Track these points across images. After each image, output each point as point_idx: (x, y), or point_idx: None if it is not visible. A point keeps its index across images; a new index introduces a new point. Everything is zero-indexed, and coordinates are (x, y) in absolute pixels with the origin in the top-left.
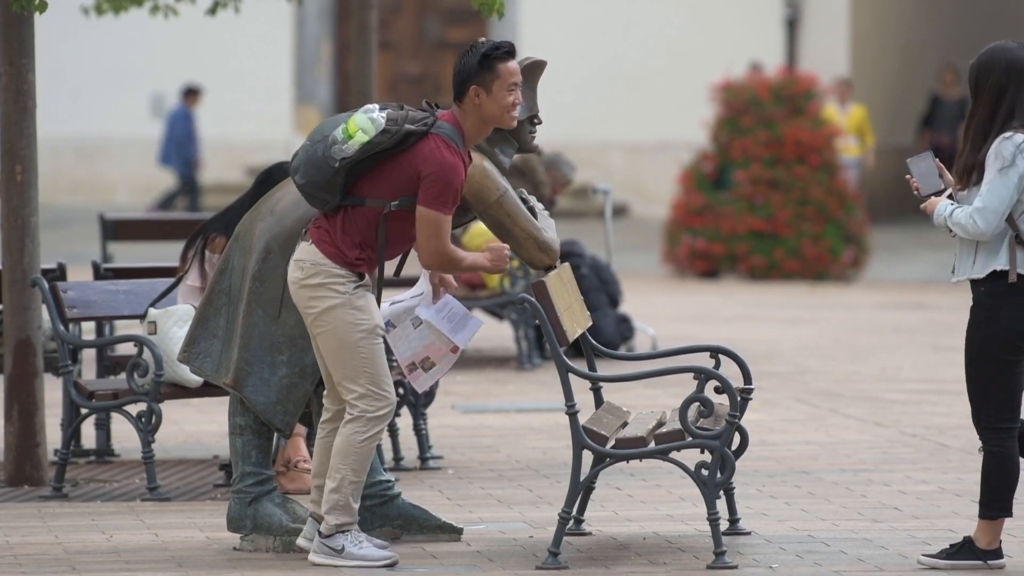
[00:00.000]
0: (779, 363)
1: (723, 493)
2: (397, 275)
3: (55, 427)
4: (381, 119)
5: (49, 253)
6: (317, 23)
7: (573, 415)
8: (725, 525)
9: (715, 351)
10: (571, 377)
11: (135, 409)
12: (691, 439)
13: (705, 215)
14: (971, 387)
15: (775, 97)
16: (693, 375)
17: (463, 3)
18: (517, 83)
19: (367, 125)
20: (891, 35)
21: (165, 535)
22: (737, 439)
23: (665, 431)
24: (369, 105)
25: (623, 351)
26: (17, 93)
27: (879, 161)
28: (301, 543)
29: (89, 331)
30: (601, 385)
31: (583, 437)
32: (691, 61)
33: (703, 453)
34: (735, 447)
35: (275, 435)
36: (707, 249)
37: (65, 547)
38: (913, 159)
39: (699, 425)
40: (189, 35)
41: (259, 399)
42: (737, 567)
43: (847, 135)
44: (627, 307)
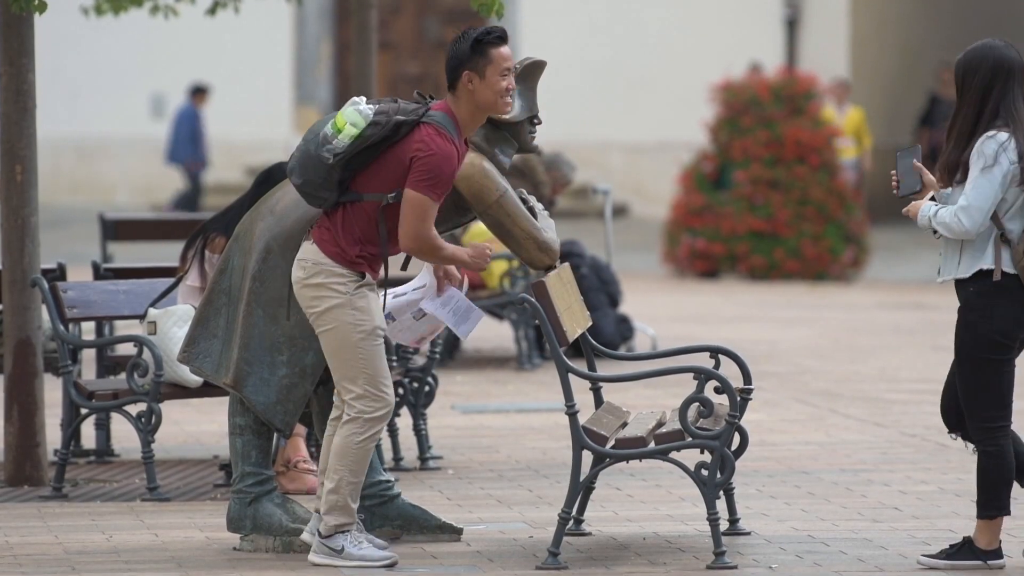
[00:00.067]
0: (779, 363)
1: (723, 493)
2: (404, 268)
3: (55, 427)
4: (368, 111)
5: (49, 253)
6: (317, 23)
7: (573, 415)
8: (725, 525)
9: (715, 351)
10: (571, 377)
11: (135, 409)
12: (691, 439)
13: (705, 215)
14: (962, 388)
15: (775, 97)
16: (693, 375)
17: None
18: (510, 68)
19: (355, 118)
20: (890, 35)
21: (165, 535)
22: (737, 439)
23: (665, 431)
24: (356, 98)
25: (623, 351)
26: (17, 93)
27: (878, 161)
28: (305, 537)
29: (89, 331)
30: (601, 385)
31: (583, 437)
32: (691, 61)
33: (703, 453)
34: (735, 447)
35: (275, 435)
36: (707, 249)
37: (65, 547)
38: (902, 153)
39: (699, 425)
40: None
41: (259, 399)
42: (737, 567)
43: (844, 137)
44: (627, 307)
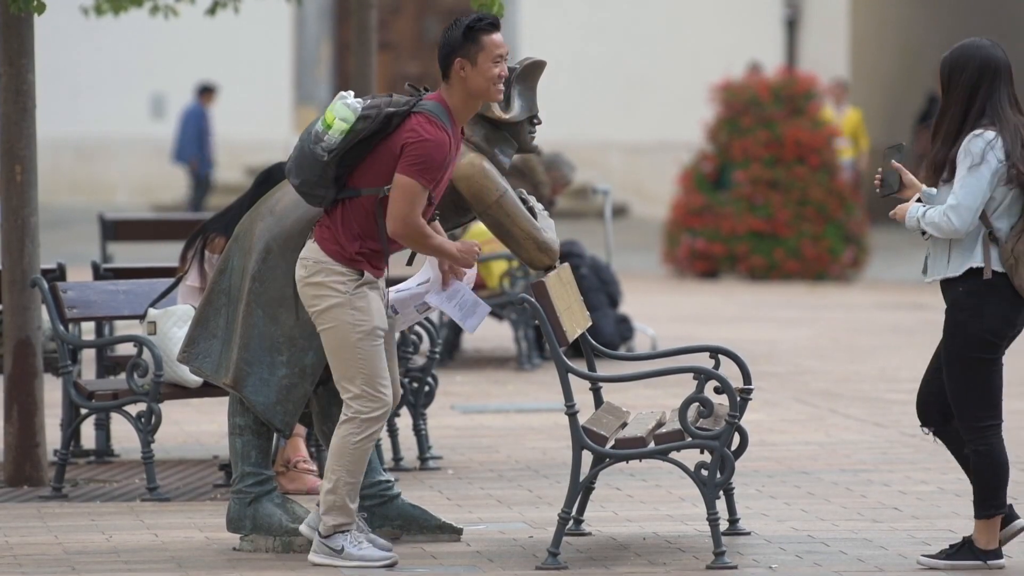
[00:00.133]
0: (779, 363)
1: (723, 493)
2: (410, 263)
3: (55, 427)
4: (357, 104)
5: (49, 253)
6: (317, 23)
7: (573, 415)
8: (725, 525)
9: (715, 351)
10: (571, 377)
11: (135, 409)
12: (691, 439)
13: (705, 215)
14: (952, 388)
15: (775, 97)
16: (693, 375)
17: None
18: (502, 55)
19: (344, 113)
20: (890, 35)
21: (165, 535)
22: (737, 439)
23: (665, 431)
24: (343, 92)
25: (623, 351)
26: (17, 93)
27: (877, 162)
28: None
29: (89, 331)
30: (601, 385)
31: (583, 437)
32: (691, 61)
33: (703, 453)
34: (735, 447)
35: (275, 435)
36: (707, 249)
37: (65, 547)
38: (888, 151)
39: (699, 425)
40: (189, 35)
41: (259, 399)
42: (737, 567)
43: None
44: (627, 307)
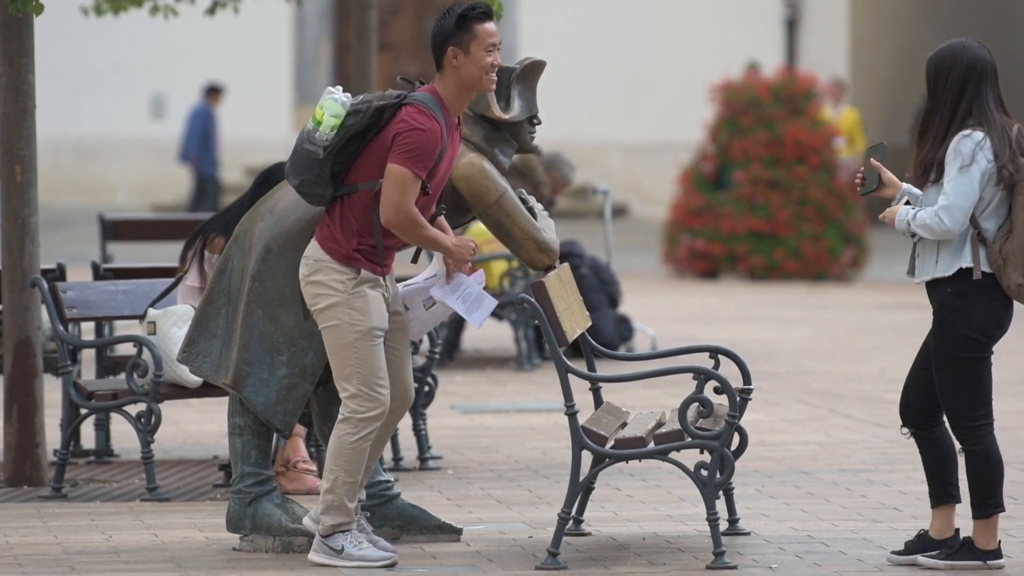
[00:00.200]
0: (778, 363)
1: (722, 493)
2: (415, 261)
3: (55, 427)
4: (345, 98)
5: (49, 253)
6: (317, 24)
7: (572, 415)
8: (724, 525)
9: (714, 351)
10: (570, 377)
11: (134, 409)
12: (690, 439)
13: (705, 215)
14: (944, 389)
15: (775, 97)
16: (692, 375)
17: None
18: (495, 44)
19: (334, 108)
20: (889, 36)
21: (164, 535)
22: (736, 439)
23: (664, 431)
24: (331, 87)
25: (622, 351)
26: (17, 93)
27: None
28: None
29: (89, 331)
30: (600, 385)
31: (582, 437)
32: (691, 61)
33: (702, 453)
34: (734, 447)
35: (274, 435)
36: (707, 249)
37: (64, 547)
38: (870, 150)
39: (698, 425)
40: (189, 35)
41: (258, 399)
42: (736, 567)
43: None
44: (626, 307)
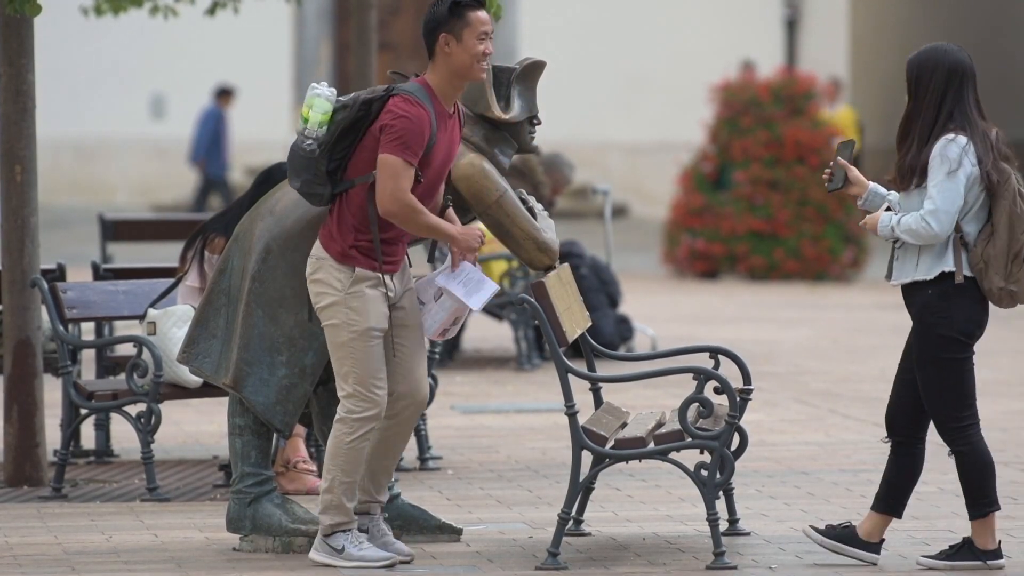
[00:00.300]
0: (778, 364)
1: (722, 494)
2: (430, 260)
3: (55, 427)
4: (329, 92)
5: (49, 254)
6: (317, 24)
7: (572, 416)
8: (724, 525)
9: (714, 351)
10: (570, 378)
11: (134, 409)
12: (690, 440)
13: (705, 215)
14: (927, 392)
15: (775, 97)
16: (692, 376)
17: None
18: (487, 32)
19: (320, 103)
20: (889, 36)
21: (164, 535)
22: (736, 440)
23: (664, 432)
24: (314, 83)
25: (622, 352)
26: (16, 93)
27: (877, 161)
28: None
29: (89, 331)
30: (600, 386)
31: (582, 437)
32: (691, 61)
33: (702, 453)
34: (734, 447)
35: (274, 436)
36: (707, 249)
37: (64, 547)
38: (840, 145)
39: (698, 426)
40: (189, 35)
41: (258, 399)
42: (736, 567)
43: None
44: (626, 308)
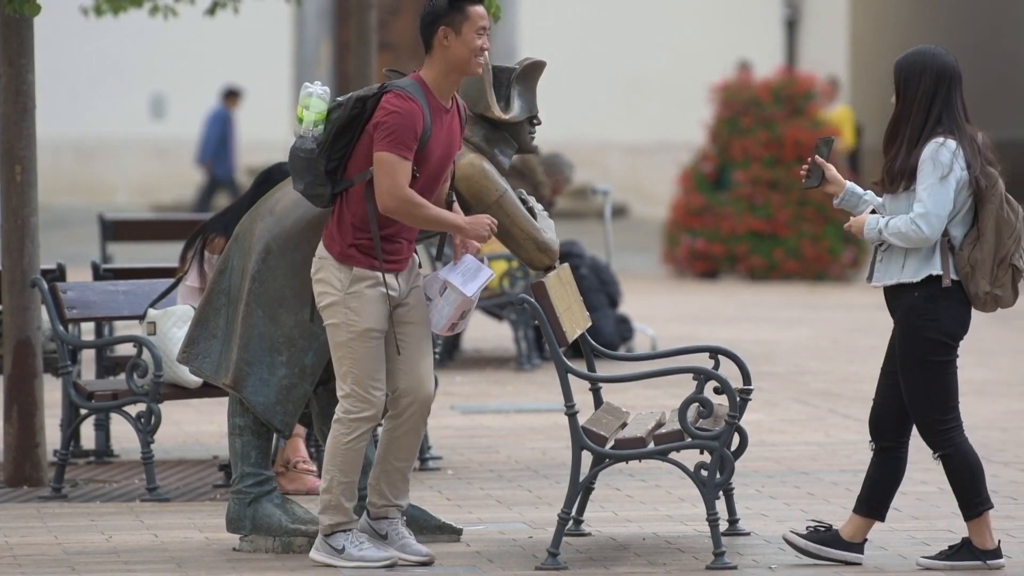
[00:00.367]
0: (778, 364)
1: (722, 494)
2: (439, 257)
3: (54, 428)
4: (322, 91)
5: (49, 254)
6: (317, 24)
7: (572, 416)
8: (724, 526)
9: (714, 352)
10: (570, 378)
11: (134, 410)
12: (690, 440)
13: (705, 216)
14: (912, 394)
15: (774, 97)
16: (692, 376)
17: None
18: (486, 28)
19: (312, 102)
20: (889, 36)
21: (164, 536)
22: (736, 440)
23: (664, 432)
24: (307, 83)
25: (622, 352)
26: (16, 93)
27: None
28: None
29: (89, 332)
30: (600, 386)
31: (582, 438)
32: (691, 61)
33: (702, 454)
34: (734, 448)
35: (274, 436)
36: (707, 250)
37: (64, 548)
38: (820, 141)
39: (698, 426)
40: (189, 35)
41: (258, 400)
42: (736, 567)
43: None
44: (626, 308)
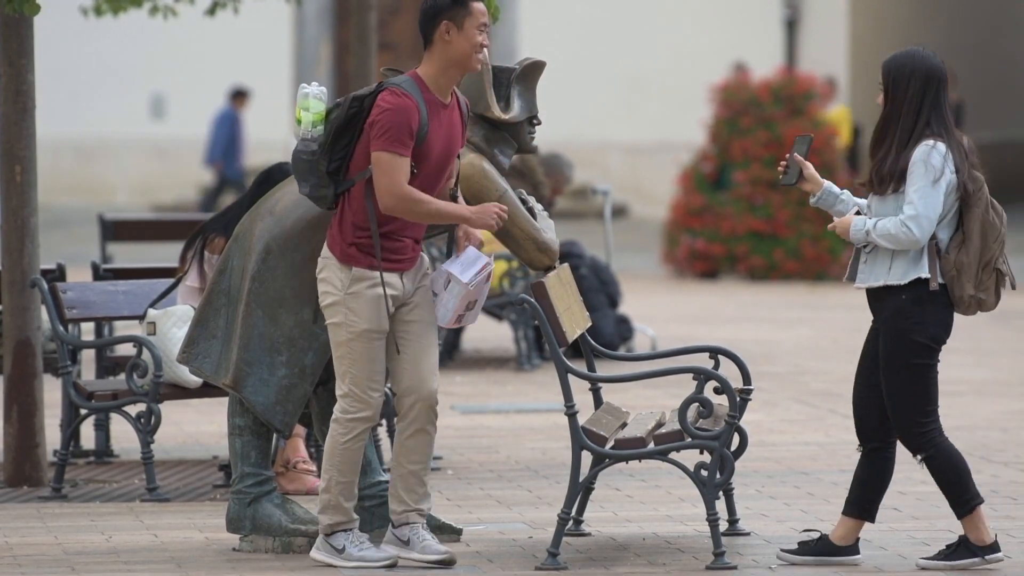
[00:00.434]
0: (778, 364)
1: (722, 494)
2: (449, 255)
3: (54, 428)
4: (318, 91)
5: (49, 254)
6: (316, 24)
7: (572, 416)
8: (724, 526)
9: (714, 352)
10: (570, 378)
11: (134, 410)
12: (690, 440)
13: (704, 216)
14: (895, 396)
15: (774, 98)
16: (692, 376)
17: None
18: (486, 24)
19: (309, 103)
20: (889, 36)
21: (164, 536)
22: (736, 440)
23: (664, 432)
24: (303, 84)
25: (622, 352)
26: (16, 94)
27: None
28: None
29: (88, 332)
30: (600, 386)
31: (582, 438)
32: (690, 62)
33: (702, 454)
34: (734, 448)
35: (274, 436)
36: (706, 250)
37: (64, 548)
38: (798, 139)
39: (698, 426)
40: (189, 36)
41: (258, 400)
42: (736, 568)
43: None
44: (626, 308)
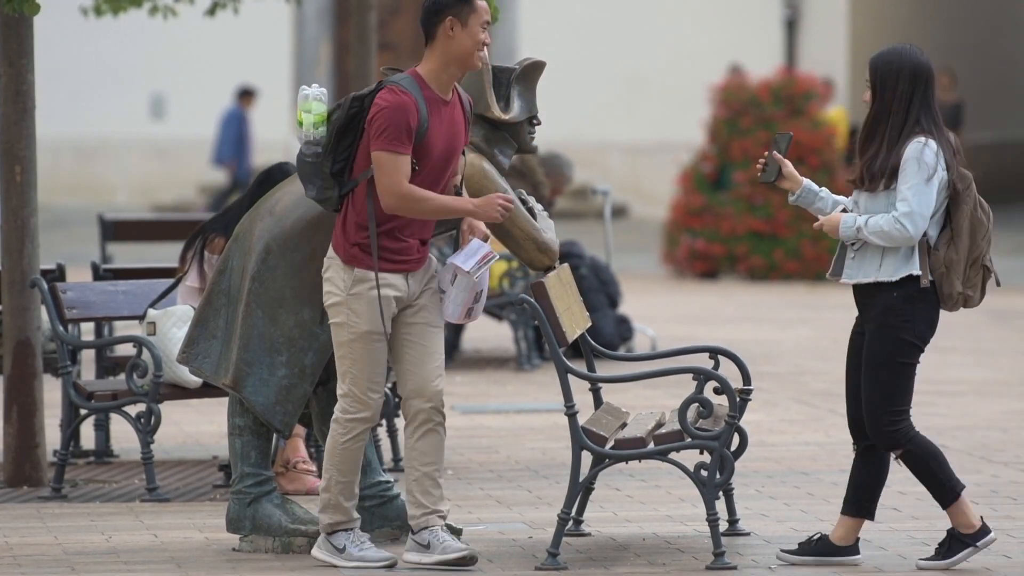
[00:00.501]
0: (778, 364)
1: (722, 494)
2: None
3: (54, 428)
4: (318, 92)
5: (48, 254)
6: (316, 24)
7: (572, 416)
8: (724, 526)
9: (714, 352)
10: (570, 378)
11: (134, 410)
12: (690, 440)
13: (704, 216)
14: (875, 393)
15: (774, 98)
16: (692, 376)
17: None
18: (488, 23)
19: (310, 104)
20: (889, 36)
21: (164, 536)
22: (736, 440)
23: (664, 432)
24: (303, 86)
25: (622, 352)
26: (16, 94)
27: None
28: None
29: (88, 332)
30: (600, 386)
31: (582, 438)
32: (690, 62)
33: (702, 454)
34: (734, 448)
35: (274, 436)
36: (706, 250)
37: (64, 548)
38: (778, 136)
39: (698, 426)
40: (189, 36)
41: (258, 400)
42: (736, 568)
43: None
44: (626, 308)
